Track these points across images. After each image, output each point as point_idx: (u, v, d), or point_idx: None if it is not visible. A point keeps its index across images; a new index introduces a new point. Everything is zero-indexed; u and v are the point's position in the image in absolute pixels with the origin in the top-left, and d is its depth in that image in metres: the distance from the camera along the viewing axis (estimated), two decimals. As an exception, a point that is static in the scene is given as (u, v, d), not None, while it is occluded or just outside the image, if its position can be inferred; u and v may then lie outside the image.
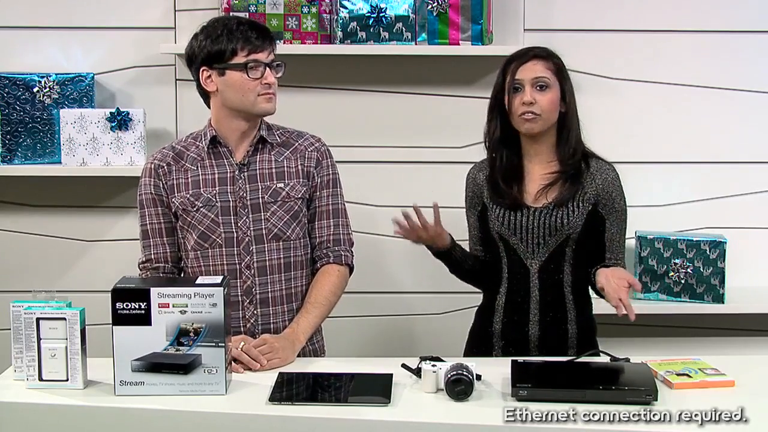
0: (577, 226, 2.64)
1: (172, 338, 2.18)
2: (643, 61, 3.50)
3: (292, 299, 2.65)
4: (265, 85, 2.56)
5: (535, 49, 2.68)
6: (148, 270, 2.64)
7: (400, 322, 3.61)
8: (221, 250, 2.60)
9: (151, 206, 2.64)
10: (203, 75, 2.57)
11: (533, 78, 2.62)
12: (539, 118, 2.61)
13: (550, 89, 2.62)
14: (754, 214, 3.57)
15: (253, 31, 2.55)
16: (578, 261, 2.67)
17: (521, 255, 2.68)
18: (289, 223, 2.62)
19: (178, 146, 2.67)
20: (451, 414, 2.11)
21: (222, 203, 2.60)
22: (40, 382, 2.23)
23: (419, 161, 3.52)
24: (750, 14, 3.49)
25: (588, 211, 2.65)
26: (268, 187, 2.61)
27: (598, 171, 2.67)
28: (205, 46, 2.55)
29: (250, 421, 2.12)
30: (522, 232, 2.66)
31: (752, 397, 2.21)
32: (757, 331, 3.57)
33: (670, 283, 3.41)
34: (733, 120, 3.53)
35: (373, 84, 3.50)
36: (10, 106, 3.37)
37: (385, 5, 3.31)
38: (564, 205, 2.63)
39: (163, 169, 2.63)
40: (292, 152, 2.66)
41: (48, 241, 3.55)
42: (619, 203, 2.68)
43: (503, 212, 2.68)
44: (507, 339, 2.71)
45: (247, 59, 2.53)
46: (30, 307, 2.26)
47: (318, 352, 2.72)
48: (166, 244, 2.64)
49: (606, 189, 2.66)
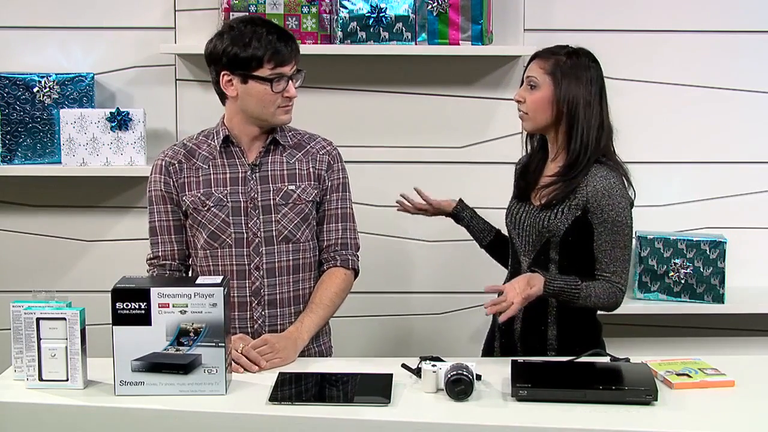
0: (558, 230, 2.58)
1: (172, 338, 2.18)
2: (643, 61, 3.50)
3: (300, 301, 2.64)
4: (286, 99, 2.55)
5: (548, 48, 2.66)
6: (156, 267, 2.64)
7: (400, 322, 3.61)
8: (231, 250, 2.59)
9: (160, 203, 2.63)
10: (224, 78, 2.53)
11: (527, 76, 2.65)
12: (527, 116, 2.64)
13: (537, 89, 2.60)
14: (754, 214, 3.57)
15: (282, 42, 2.51)
16: (567, 266, 2.61)
17: (517, 249, 2.70)
18: (299, 226, 2.62)
19: (190, 144, 2.66)
20: (451, 414, 2.11)
21: (233, 203, 2.59)
22: (40, 382, 2.23)
23: (419, 161, 3.52)
24: (750, 14, 3.49)
25: (576, 216, 2.57)
26: (279, 189, 2.61)
27: (592, 177, 2.56)
28: (230, 50, 2.50)
29: (250, 421, 2.12)
30: (518, 228, 2.68)
31: (752, 397, 2.22)
32: (757, 331, 3.57)
33: (670, 283, 3.41)
34: (733, 120, 3.53)
35: (373, 84, 3.50)
36: (10, 106, 3.36)
37: (385, 5, 3.31)
38: (550, 208, 2.60)
39: (174, 167, 2.62)
40: (304, 155, 2.65)
41: (48, 241, 3.55)
42: (608, 214, 2.54)
43: (512, 204, 2.74)
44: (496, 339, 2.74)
45: (272, 72, 2.50)
46: (30, 307, 2.26)
47: (325, 353, 2.72)
48: (174, 242, 2.64)
49: (595, 197, 2.54)
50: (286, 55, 2.52)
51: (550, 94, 2.59)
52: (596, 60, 2.66)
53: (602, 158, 2.61)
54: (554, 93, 2.59)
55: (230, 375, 2.26)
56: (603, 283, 2.56)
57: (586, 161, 2.58)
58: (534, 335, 2.66)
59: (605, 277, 2.57)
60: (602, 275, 2.57)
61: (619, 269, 2.57)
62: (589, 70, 2.62)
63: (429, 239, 3.56)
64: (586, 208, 2.56)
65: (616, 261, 2.56)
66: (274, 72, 2.51)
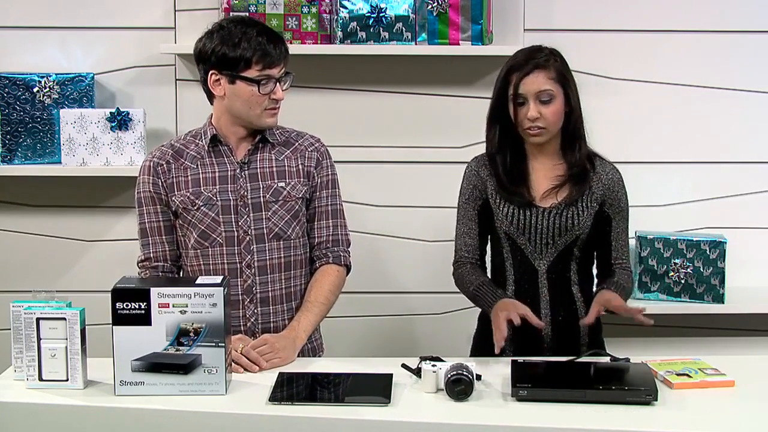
0: (586, 226, 2.64)
1: (172, 338, 2.18)
2: (643, 61, 3.50)
3: (292, 298, 2.65)
4: (273, 101, 2.55)
5: (536, 58, 2.59)
6: (147, 268, 2.64)
7: (400, 322, 3.61)
8: (222, 248, 2.59)
9: (149, 204, 2.63)
10: (212, 78, 2.54)
11: (537, 92, 2.56)
12: (546, 131, 2.59)
13: (554, 101, 2.57)
14: (754, 214, 3.56)
15: (272, 44, 2.51)
16: (584, 260, 2.69)
17: (529, 255, 2.66)
18: (290, 223, 2.62)
19: (177, 144, 2.66)
20: (451, 414, 2.11)
21: (223, 202, 2.59)
22: (40, 382, 2.23)
23: (419, 161, 3.52)
24: (750, 14, 3.49)
25: (595, 211, 2.65)
26: (269, 186, 2.61)
27: (603, 171, 2.67)
28: (219, 49, 2.50)
29: (250, 421, 2.12)
30: (530, 232, 2.64)
31: (752, 397, 2.22)
32: (757, 331, 3.57)
33: (670, 283, 3.41)
34: (733, 120, 3.53)
35: (373, 84, 3.50)
36: (10, 106, 3.36)
37: (385, 5, 3.31)
38: (573, 205, 2.63)
39: (162, 167, 2.62)
40: (293, 152, 2.66)
41: (48, 241, 3.55)
42: (624, 202, 2.68)
43: (512, 211, 2.65)
44: (520, 341, 2.60)
45: (260, 74, 2.51)
46: (30, 307, 2.26)
47: (317, 350, 2.73)
48: (165, 243, 2.64)
49: (612, 189, 2.66)
50: (275, 57, 2.52)
51: (563, 100, 2.59)
52: None
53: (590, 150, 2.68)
54: (565, 99, 2.60)
55: (230, 375, 2.26)
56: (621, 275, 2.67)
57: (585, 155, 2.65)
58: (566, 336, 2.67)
59: (621, 263, 2.69)
60: (618, 262, 2.69)
61: (627, 253, 2.73)
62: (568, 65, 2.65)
63: (429, 239, 3.56)
64: (603, 201, 2.65)
65: (626, 246, 2.72)
66: (262, 74, 2.51)
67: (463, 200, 2.73)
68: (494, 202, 2.68)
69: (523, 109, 2.58)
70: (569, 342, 2.66)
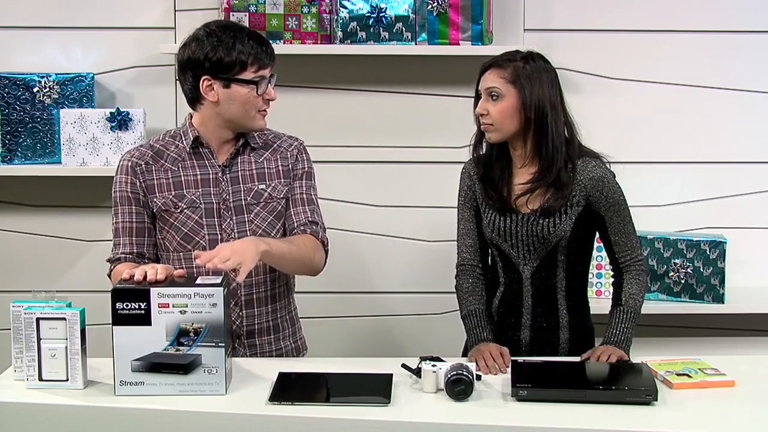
0: (565, 233, 2.59)
1: (172, 338, 2.18)
2: (643, 61, 3.50)
3: (276, 299, 2.65)
4: (266, 102, 2.56)
5: (501, 58, 2.63)
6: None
7: (400, 322, 3.61)
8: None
9: (125, 204, 2.60)
10: (204, 83, 2.52)
11: (486, 88, 2.60)
12: (492, 127, 2.60)
13: (501, 99, 2.58)
14: (754, 214, 3.57)
15: (262, 46, 2.53)
16: (573, 265, 2.65)
17: (513, 260, 2.66)
18: (273, 224, 2.61)
19: (157, 144, 2.64)
20: (451, 414, 2.11)
21: (206, 205, 2.58)
22: (40, 382, 2.23)
23: (419, 161, 3.52)
24: (750, 14, 3.49)
25: (577, 214, 2.59)
26: (250, 189, 2.60)
27: (583, 171, 2.58)
28: (213, 55, 2.49)
29: (250, 421, 2.12)
30: (512, 239, 2.64)
31: (752, 397, 2.22)
32: (757, 331, 3.57)
33: (670, 283, 3.41)
34: (733, 120, 3.53)
35: (373, 84, 3.50)
36: (10, 106, 3.37)
37: (385, 5, 3.31)
38: (550, 215, 2.59)
39: (140, 168, 2.60)
40: (272, 153, 2.65)
41: (48, 241, 3.55)
42: (614, 196, 2.60)
43: (493, 217, 2.65)
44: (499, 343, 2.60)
45: (255, 75, 2.51)
46: (30, 307, 2.26)
47: (300, 349, 2.73)
48: (134, 244, 2.60)
49: (595, 186, 2.58)
50: (266, 58, 2.54)
51: (516, 102, 2.57)
52: (549, 61, 2.66)
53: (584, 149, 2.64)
54: (520, 100, 2.57)
55: (230, 375, 2.26)
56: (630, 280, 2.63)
57: (561, 161, 2.58)
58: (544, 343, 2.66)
59: (629, 260, 2.63)
60: (623, 255, 2.63)
61: (636, 243, 2.66)
62: (548, 72, 2.61)
63: (428, 239, 3.56)
64: (589, 201, 2.59)
65: (631, 236, 2.65)
66: (257, 75, 2.52)
67: (461, 201, 2.75)
68: (481, 206, 2.70)
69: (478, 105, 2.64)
70: (547, 350, 2.64)
